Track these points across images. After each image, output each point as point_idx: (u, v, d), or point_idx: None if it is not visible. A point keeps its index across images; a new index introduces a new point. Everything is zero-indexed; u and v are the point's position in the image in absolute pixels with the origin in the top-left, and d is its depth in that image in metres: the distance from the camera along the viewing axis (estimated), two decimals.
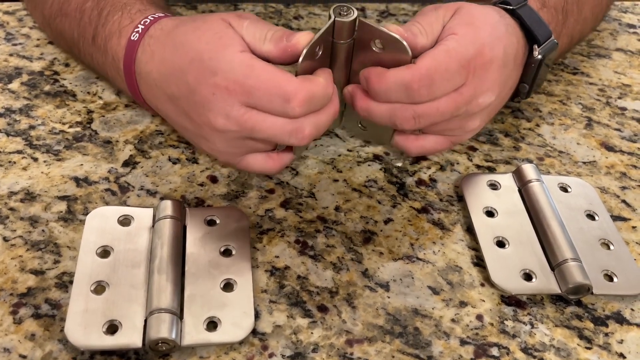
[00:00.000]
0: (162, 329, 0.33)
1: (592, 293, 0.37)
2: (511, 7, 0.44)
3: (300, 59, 0.37)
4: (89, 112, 0.49)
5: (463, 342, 0.35)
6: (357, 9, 0.62)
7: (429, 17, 0.41)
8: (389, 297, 0.37)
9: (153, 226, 0.39)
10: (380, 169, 0.46)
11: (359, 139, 0.48)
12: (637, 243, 0.42)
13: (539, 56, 0.44)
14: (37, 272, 0.37)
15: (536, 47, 0.44)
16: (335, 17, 0.39)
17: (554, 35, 0.45)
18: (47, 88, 0.51)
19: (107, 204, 0.42)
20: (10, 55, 0.54)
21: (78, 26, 0.47)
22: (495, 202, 0.43)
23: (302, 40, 0.37)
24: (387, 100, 0.40)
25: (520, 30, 0.44)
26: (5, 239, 0.39)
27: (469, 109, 0.41)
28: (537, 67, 0.45)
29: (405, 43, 0.39)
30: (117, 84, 0.46)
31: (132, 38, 0.42)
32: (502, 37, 0.41)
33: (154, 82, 0.41)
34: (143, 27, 0.42)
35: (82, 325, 0.34)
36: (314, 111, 0.38)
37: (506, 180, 0.44)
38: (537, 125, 0.51)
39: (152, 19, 0.42)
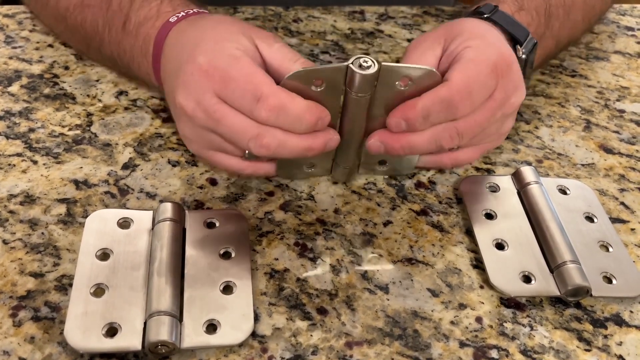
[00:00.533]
0: (162, 331, 0.33)
1: (591, 295, 0.37)
2: (486, 15, 0.45)
3: (289, 74, 0.36)
4: (89, 114, 0.49)
5: (462, 345, 0.35)
6: (356, 12, 0.63)
7: (416, 51, 0.42)
8: (388, 300, 0.37)
9: (152, 229, 0.39)
10: None
11: (380, 175, 0.45)
12: (635, 245, 0.42)
13: (523, 55, 0.45)
14: (36, 275, 0.37)
15: (519, 47, 0.44)
16: (355, 68, 0.36)
17: (536, 36, 0.46)
18: (46, 91, 0.51)
19: (106, 206, 0.42)
20: (10, 58, 0.54)
21: (104, 15, 0.47)
22: (494, 204, 0.43)
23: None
24: (429, 125, 0.39)
25: (504, 33, 0.44)
26: (4, 242, 0.39)
27: (505, 112, 0.41)
28: (524, 68, 0.45)
29: (435, 70, 0.38)
30: (141, 68, 0.46)
31: (170, 20, 0.43)
32: (502, 39, 0.43)
33: (170, 55, 0.41)
34: (184, 14, 0.43)
35: (82, 328, 0.34)
36: (282, 126, 0.37)
37: (505, 183, 0.44)
38: (536, 127, 0.51)
39: (195, 11, 0.44)
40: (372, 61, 0.36)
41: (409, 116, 0.38)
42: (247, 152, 0.39)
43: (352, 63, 0.36)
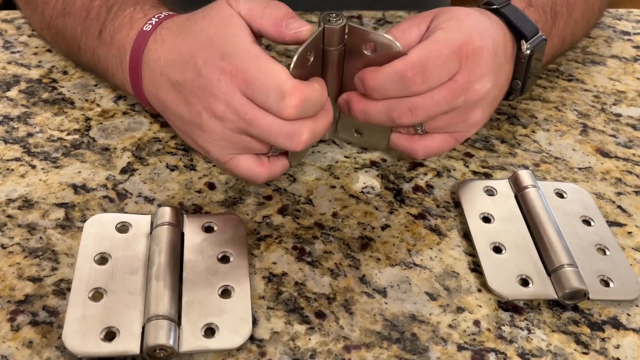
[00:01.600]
0: (160, 335, 0.33)
1: (588, 298, 0.38)
2: (495, 7, 0.45)
3: (292, 66, 0.37)
4: (87, 119, 0.49)
5: (460, 348, 0.35)
6: (354, 17, 0.63)
7: (404, 24, 0.42)
8: (386, 303, 0.37)
9: (151, 233, 0.39)
10: (378, 176, 0.46)
11: (355, 146, 0.48)
12: (632, 248, 0.42)
13: (528, 51, 0.44)
14: (34, 279, 0.37)
15: (524, 42, 0.44)
16: (324, 24, 0.39)
17: (542, 34, 0.46)
18: (45, 96, 0.51)
19: (104, 211, 0.42)
20: (9, 63, 0.54)
21: (82, 23, 0.47)
22: (491, 208, 0.43)
23: (304, 33, 0.38)
24: (384, 96, 0.40)
25: (506, 26, 0.44)
26: (3, 246, 0.39)
27: (468, 98, 0.41)
28: (528, 63, 0.45)
29: (396, 42, 0.39)
30: (116, 77, 0.46)
31: (144, 29, 0.42)
32: (489, 28, 0.42)
33: (160, 68, 0.41)
34: (157, 20, 0.43)
35: (80, 333, 0.34)
36: (307, 116, 0.38)
37: (502, 186, 0.44)
38: (533, 131, 0.51)
39: (166, 14, 0.43)
40: (340, 15, 0.40)
41: (365, 78, 0.40)
42: (273, 147, 0.41)
43: (325, 22, 0.39)
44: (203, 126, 0.39)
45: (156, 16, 0.43)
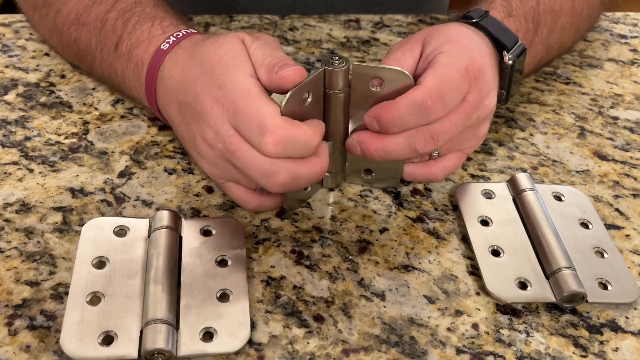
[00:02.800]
0: (158, 339, 0.33)
1: (586, 301, 0.38)
2: (474, 20, 0.45)
3: (284, 102, 0.36)
4: (85, 123, 0.49)
5: (459, 351, 0.35)
6: (351, 20, 0.63)
7: (396, 53, 0.42)
8: (384, 307, 0.37)
9: (149, 237, 0.39)
10: None
11: (367, 186, 0.45)
12: (630, 251, 0.42)
13: (510, 61, 0.45)
14: (32, 284, 0.37)
15: (505, 53, 0.45)
16: (325, 66, 0.38)
17: (523, 43, 0.46)
18: (43, 99, 0.51)
19: (102, 214, 0.42)
20: (6, 66, 0.54)
21: (98, 34, 0.47)
22: (489, 211, 0.43)
23: (290, 76, 0.37)
24: (403, 128, 0.39)
25: (488, 38, 0.45)
26: (0, 251, 0.39)
27: (480, 115, 0.42)
28: (510, 73, 0.46)
29: (405, 71, 0.39)
30: (133, 90, 0.46)
31: (161, 47, 0.43)
32: (480, 44, 0.43)
33: (171, 87, 0.42)
34: (175, 39, 0.43)
35: (78, 337, 0.33)
36: (290, 156, 0.37)
37: (500, 190, 0.45)
38: (531, 134, 0.51)
39: (184, 33, 0.44)
40: (343, 58, 0.38)
41: (381, 115, 0.39)
42: (259, 185, 0.40)
43: (326, 64, 0.38)
44: (197, 148, 0.41)
45: (174, 34, 0.44)
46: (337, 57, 0.38)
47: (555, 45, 0.53)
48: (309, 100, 0.39)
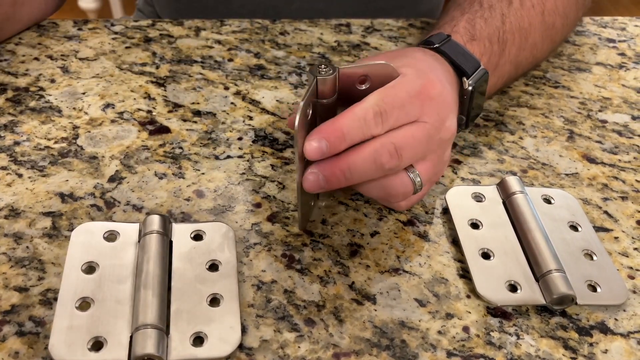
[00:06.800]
0: (148, 344, 0.33)
1: (576, 303, 0.38)
2: (435, 46, 0.45)
3: (296, 121, 0.35)
4: (75, 127, 0.49)
5: (450, 354, 0.35)
6: (342, 24, 0.63)
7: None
8: (375, 310, 0.37)
9: (139, 241, 0.39)
10: None
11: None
12: (619, 253, 0.42)
13: (470, 87, 0.45)
14: (21, 289, 0.37)
15: (465, 79, 0.45)
16: (316, 76, 0.37)
17: (489, 66, 0.46)
18: (32, 104, 0.51)
19: (92, 219, 0.41)
20: None
21: None
22: (479, 214, 0.43)
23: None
24: (350, 143, 0.38)
25: (449, 64, 0.45)
26: None
27: (442, 136, 0.41)
28: (470, 98, 0.46)
29: (390, 64, 0.39)
30: None
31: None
32: (438, 68, 0.43)
33: None
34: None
35: (67, 343, 0.33)
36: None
37: (490, 193, 0.45)
38: (521, 138, 0.51)
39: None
40: (329, 65, 0.38)
41: (330, 132, 0.36)
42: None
43: (317, 75, 0.38)
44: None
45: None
46: (322, 66, 0.38)
47: (527, 62, 0.53)
48: (310, 114, 0.38)
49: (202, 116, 0.51)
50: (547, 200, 0.45)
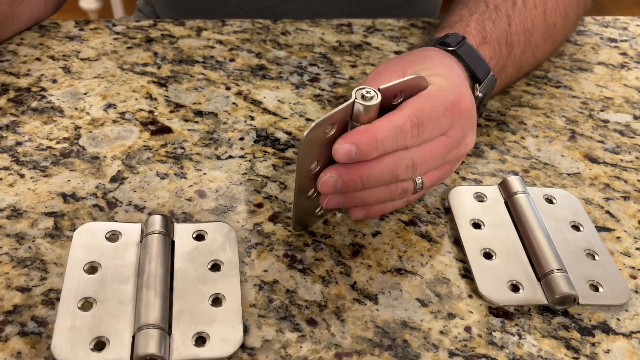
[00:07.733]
0: (150, 344, 0.33)
1: (578, 303, 0.38)
2: (452, 48, 0.45)
3: (306, 132, 0.34)
4: (77, 127, 0.49)
5: (452, 354, 0.35)
6: (343, 24, 0.63)
7: (384, 74, 0.41)
8: (377, 310, 0.37)
9: (141, 242, 0.39)
10: None
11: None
12: (621, 253, 0.42)
13: (480, 94, 0.45)
14: (23, 289, 0.37)
15: (477, 85, 0.45)
16: (355, 99, 0.35)
17: (497, 70, 0.46)
18: (34, 104, 0.51)
19: (94, 219, 0.41)
20: None
21: None
22: (481, 214, 0.43)
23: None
24: (382, 152, 0.37)
25: (464, 67, 0.45)
26: None
27: (459, 152, 0.41)
28: (479, 105, 0.46)
29: (421, 75, 0.38)
30: None
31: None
32: (463, 76, 0.43)
33: None
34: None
35: (69, 343, 0.33)
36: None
37: (492, 193, 0.45)
38: (522, 137, 0.51)
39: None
40: (374, 91, 0.36)
41: (361, 139, 0.35)
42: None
43: (356, 98, 0.36)
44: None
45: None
46: (365, 90, 0.36)
47: (528, 63, 0.53)
48: (331, 133, 0.36)
49: (203, 116, 0.51)
50: (549, 200, 0.45)
